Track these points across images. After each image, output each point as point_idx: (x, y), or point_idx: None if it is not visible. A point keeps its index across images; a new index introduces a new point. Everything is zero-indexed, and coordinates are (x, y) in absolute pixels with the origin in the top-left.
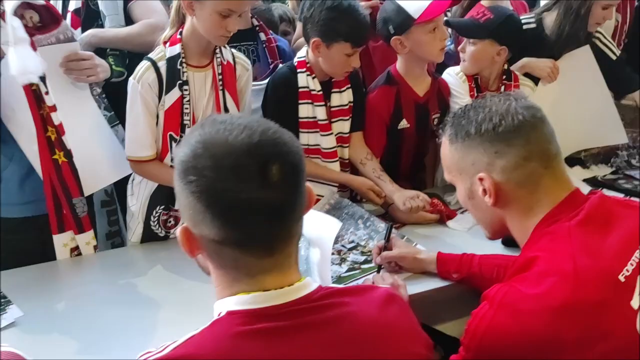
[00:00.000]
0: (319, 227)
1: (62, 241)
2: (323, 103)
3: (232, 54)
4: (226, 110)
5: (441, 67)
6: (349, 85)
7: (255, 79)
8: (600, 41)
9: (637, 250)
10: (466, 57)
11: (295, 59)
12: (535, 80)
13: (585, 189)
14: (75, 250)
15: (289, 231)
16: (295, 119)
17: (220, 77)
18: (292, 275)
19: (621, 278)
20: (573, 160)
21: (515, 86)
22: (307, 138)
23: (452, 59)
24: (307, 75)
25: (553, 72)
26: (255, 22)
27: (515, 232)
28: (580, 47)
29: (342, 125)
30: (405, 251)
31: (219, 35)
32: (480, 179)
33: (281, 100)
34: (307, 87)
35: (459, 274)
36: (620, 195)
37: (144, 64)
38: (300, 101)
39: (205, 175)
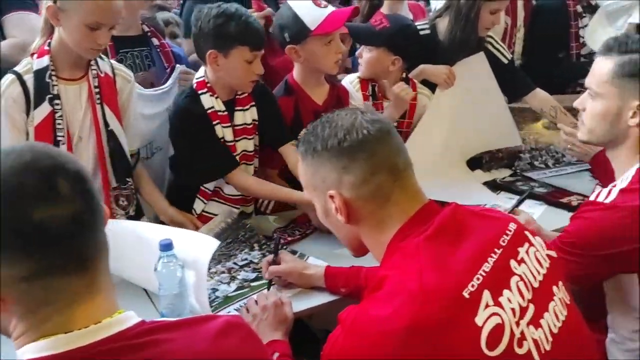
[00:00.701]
0: (193, 248)
1: None
2: (229, 124)
3: (111, 66)
4: (106, 125)
5: None
6: (253, 103)
7: (152, 84)
8: (492, 46)
9: (485, 263)
10: (362, 62)
11: (194, 81)
12: (433, 86)
13: (486, 192)
14: None
15: (96, 241)
16: (218, 142)
17: (98, 90)
18: (106, 305)
19: (465, 294)
20: (475, 163)
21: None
22: None
23: None
24: (210, 95)
25: (449, 77)
26: (146, 28)
27: (371, 249)
28: (474, 53)
29: (246, 144)
30: (292, 266)
31: (88, 49)
32: (331, 197)
33: (193, 131)
34: (214, 108)
35: (347, 288)
36: (516, 197)
37: (8, 78)
38: (213, 122)
39: None
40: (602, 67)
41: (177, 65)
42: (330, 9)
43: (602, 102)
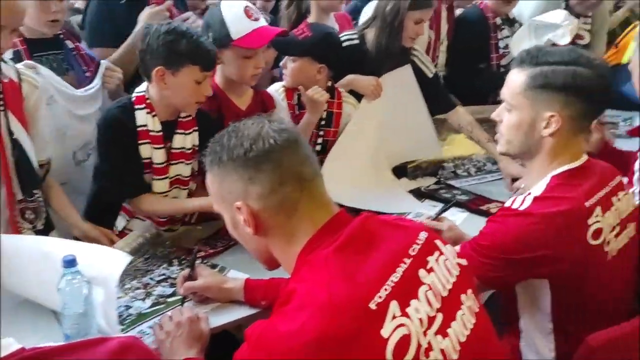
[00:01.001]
0: (103, 264)
1: None
2: (162, 145)
3: (17, 71)
4: (11, 134)
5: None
6: (196, 128)
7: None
8: (419, 59)
9: (394, 274)
10: (287, 73)
11: (133, 94)
12: (359, 96)
13: (411, 199)
14: None
15: None
16: (140, 161)
17: (1, 96)
18: None
19: (372, 306)
20: (401, 171)
21: (338, 104)
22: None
23: None
24: (147, 112)
25: (376, 89)
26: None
27: (281, 261)
28: (401, 64)
29: (183, 169)
30: (210, 280)
31: None
32: (238, 208)
33: (118, 143)
34: (146, 126)
35: (267, 300)
36: (440, 205)
37: None
38: (140, 141)
39: None
40: (515, 80)
41: (102, 61)
42: (261, 23)
43: (516, 113)
